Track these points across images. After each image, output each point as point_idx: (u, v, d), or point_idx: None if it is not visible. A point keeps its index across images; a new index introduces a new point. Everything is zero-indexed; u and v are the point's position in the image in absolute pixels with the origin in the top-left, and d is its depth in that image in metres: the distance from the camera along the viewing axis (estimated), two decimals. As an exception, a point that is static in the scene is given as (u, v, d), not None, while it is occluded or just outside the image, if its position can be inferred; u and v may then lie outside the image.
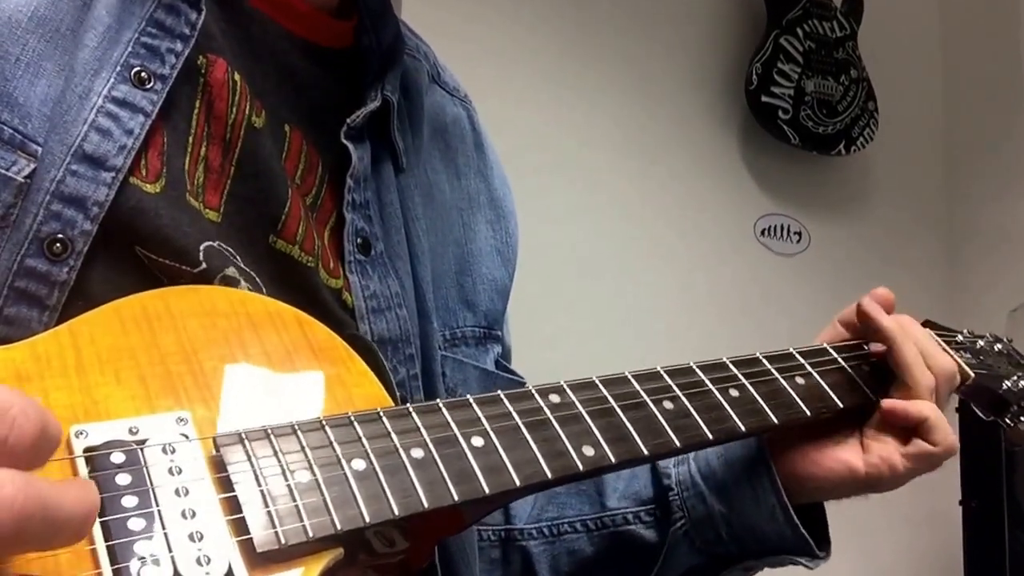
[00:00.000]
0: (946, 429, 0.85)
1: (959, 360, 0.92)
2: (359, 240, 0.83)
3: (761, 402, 0.80)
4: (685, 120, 2.72)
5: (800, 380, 0.84)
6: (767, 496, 0.87)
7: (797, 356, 0.86)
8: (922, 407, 0.85)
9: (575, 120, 2.56)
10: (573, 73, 2.58)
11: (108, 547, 0.53)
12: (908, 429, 0.85)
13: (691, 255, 2.68)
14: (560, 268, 2.41)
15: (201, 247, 0.71)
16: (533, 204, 1.03)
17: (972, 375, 0.93)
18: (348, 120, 0.84)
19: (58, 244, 0.65)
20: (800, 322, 2.71)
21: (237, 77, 0.77)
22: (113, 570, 0.52)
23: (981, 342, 0.99)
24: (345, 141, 0.83)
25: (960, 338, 0.98)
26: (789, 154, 2.76)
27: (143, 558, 0.53)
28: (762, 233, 2.80)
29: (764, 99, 2.68)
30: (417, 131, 0.94)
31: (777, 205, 2.82)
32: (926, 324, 0.97)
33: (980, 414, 0.96)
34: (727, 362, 0.82)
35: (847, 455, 0.86)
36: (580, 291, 2.50)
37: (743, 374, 0.81)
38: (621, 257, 2.59)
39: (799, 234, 2.84)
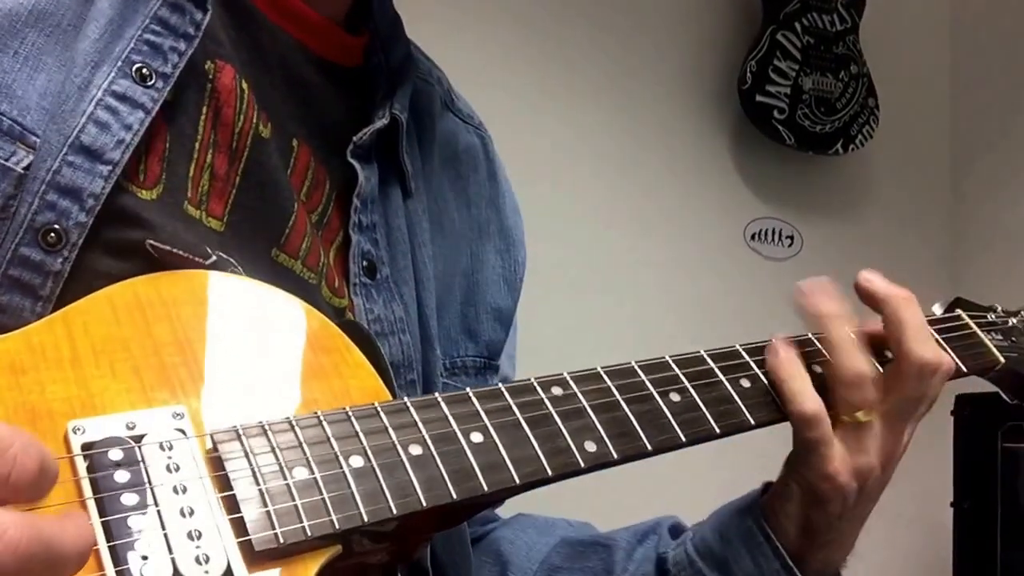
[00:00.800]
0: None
1: (991, 345, 0.89)
2: (365, 263, 0.83)
3: (774, 393, 0.78)
4: (675, 120, 2.67)
5: (818, 369, 0.81)
6: (770, 562, 0.83)
7: (816, 342, 0.83)
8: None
9: (561, 123, 2.53)
10: (560, 72, 2.54)
11: (110, 547, 0.53)
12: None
13: (679, 260, 2.63)
14: (545, 273, 2.38)
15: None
16: (520, 207, 1.04)
17: (1002, 360, 0.89)
18: (355, 138, 0.84)
19: (52, 234, 0.65)
20: (792, 329, 2.67)
21: (245, 85, 0.76)
22: (116, 571, 0.52)
23: (1014, 320, 0.95)
24: (352, 160, 0.83)
25: (992, 316, 0.94)
26: (783, 155, 2.72)
27: (144, 557, 0.53)
28: (752, 237, 2.75)
29: (759, 98, 2.63)
30: (428, 157, 0.93)
31: (768, 208, 2.76)
32: (957, 302, 0.94)
33: (1005, 397, 0.92)
34: (739, 349, 0.80)
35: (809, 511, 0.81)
36: (565, 298, 2.45)
37: (756, 362, 0.80)
38: (607, 262, 2.55)
39: (791, 238, 2.79)
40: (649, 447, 0.71)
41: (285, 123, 0.80)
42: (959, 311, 0.93)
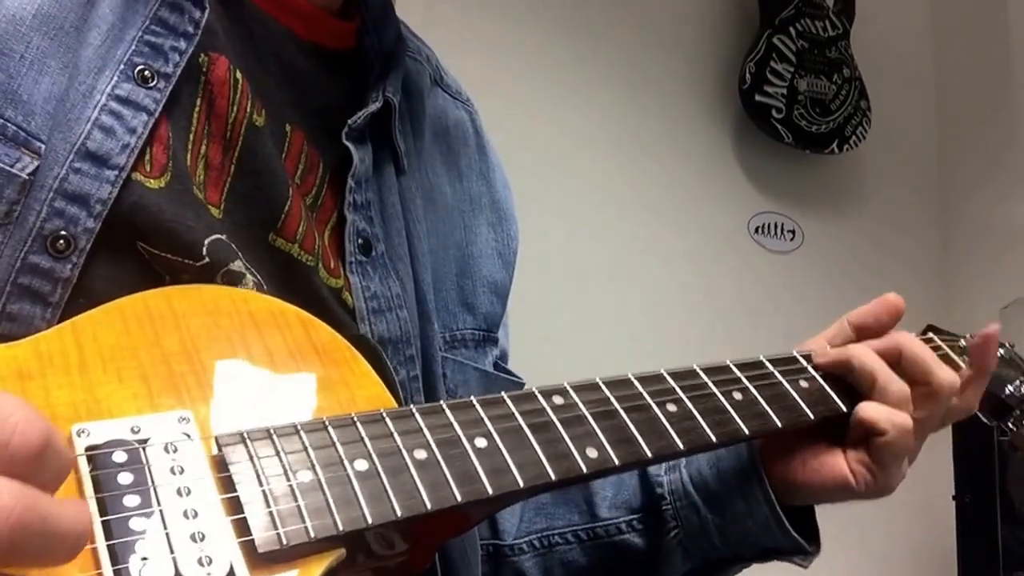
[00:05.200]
0: (892, 419, 0.82)
1: (964, 366, 0.92)
2: (360, 241, 0.83)
3: (765, 405, 0.80)
4: (679, 119, 2.72)
5: (804, 384, 0.84)
6: (760, 507, 0.86)
7: (800, 359, 0.86)
8: (862, 411, 0.83)
9: (569, 119, 2.56)
10: (567, 73, 2.58)
11: (109, 547, 0.53)
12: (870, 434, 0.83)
13: (685, 253, 2.69)
14: (553, 267, 2.41)
15: (207, 241, 0.71)
16: (526, 203, 1.04)
17: None
18: (349, 121, 0.84)
19: (61, 241, 0.65)
20: (794, 319, 2.73)
21: (239, 75, 0.77)
22: (114, 570, 0.52)
23: None
24: (346, 142, 0.83)
25: (963, 343, 0.97)
26: (783, 152, 2.77)
27: (145, 558, 0.53)
28: (756, 231, 2.81)
29: (758, 98, 2.69)
30: (419, 133, 0.94)
31: (771, 203, 2.83)
32: (929, 329, 0.97)
33: (983, 419, 0.96)
34: (731, 365, 0.82)
35: (840, 464, 0.85)
36: (573, 290, 2.50)
37: (747, 377, 0.81)
38: (615, 256, 2.59)
39: (793, 232, 2.85)
40: (649, 454, 0.72)
41: (279, 109, 0.80)
42: (931, 335, 0.96)
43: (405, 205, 0.89)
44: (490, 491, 0.63)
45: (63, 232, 0.66)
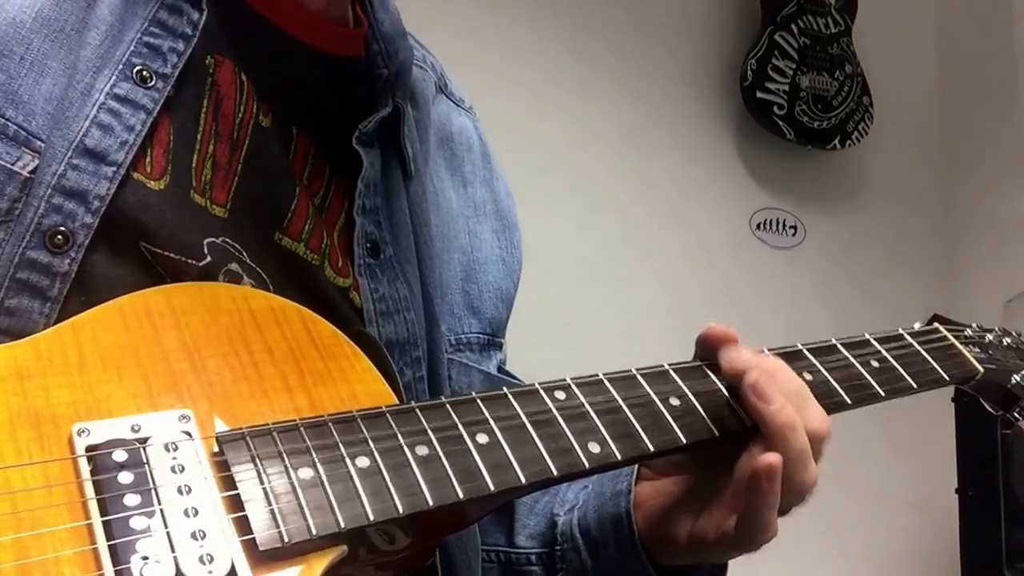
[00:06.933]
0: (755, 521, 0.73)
1: (970, 356, 0.92)
2: (368, 244, 0.83)
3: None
4: (681, 116, 2.73)
5: (808, 376, 0.83)
6: (631, 560, 0.84)
7: (807, 353, 0.85)
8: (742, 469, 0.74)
9: (571, 117, 2.57)
10: (569, 70, 2.58)
11: (110, 546, 0.53)
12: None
13: (687, 249, 2.69)
14: (556, 262, 2.41)
15: (205, 243, 0.71)
16: (530, 200, 1.03)
17: (981, 370, 0.92)
18: (360, 126, 0.84)
19: (59, 236, 0.66)
20: (796, 315, 2.73)
21: (244, 78, 0.77)
22: (115, 570, 0.52)
23: (990, 336, 0.98)
24: (356, 146, 0.83)
25: (969, 332, 0.97)
26: (784, 149, 2.78)
27: (145, 557, 0.53)
28: (758, 227, 2.81)
29: (759, 95, 2.70)
30: (423, 139, 0.94)
31: (772, 199, 2.83)
32: (935, 319, 0.97)
33: (989, 408, 0.95)
34: None
35: (688, 520, 0.79)
36: (575, 286, 2.50)
37: None
38: (617, 252, 2.59)
39: (794, 228, 2.85)
40: (651, 448, 0.71)
41: (284, 113, 0.81)
42: (937, 325, 0.95)
43: (413, 209, 0.89)
44: (492, 487, 0.63)
45: (61, 228, 0.66)
